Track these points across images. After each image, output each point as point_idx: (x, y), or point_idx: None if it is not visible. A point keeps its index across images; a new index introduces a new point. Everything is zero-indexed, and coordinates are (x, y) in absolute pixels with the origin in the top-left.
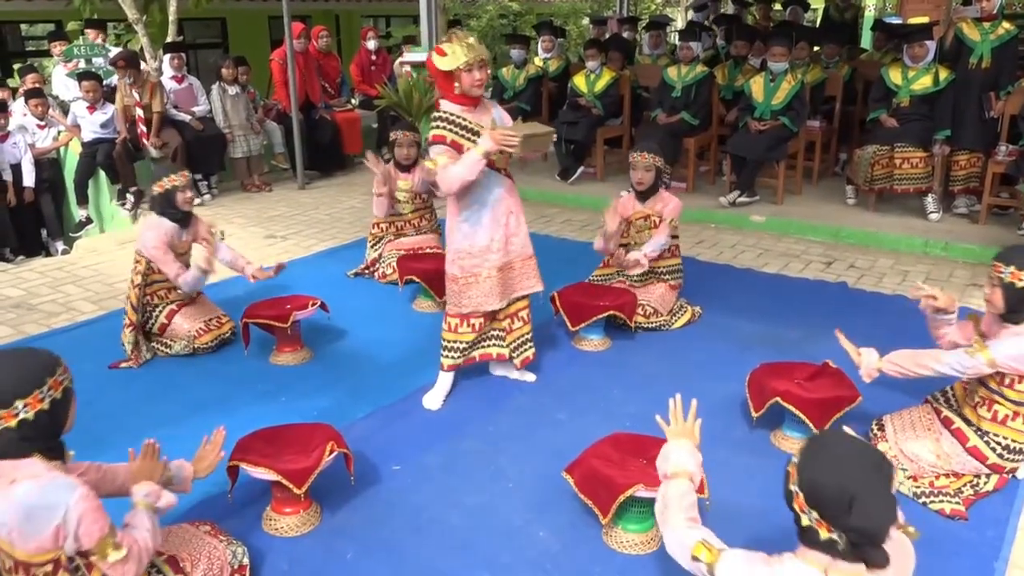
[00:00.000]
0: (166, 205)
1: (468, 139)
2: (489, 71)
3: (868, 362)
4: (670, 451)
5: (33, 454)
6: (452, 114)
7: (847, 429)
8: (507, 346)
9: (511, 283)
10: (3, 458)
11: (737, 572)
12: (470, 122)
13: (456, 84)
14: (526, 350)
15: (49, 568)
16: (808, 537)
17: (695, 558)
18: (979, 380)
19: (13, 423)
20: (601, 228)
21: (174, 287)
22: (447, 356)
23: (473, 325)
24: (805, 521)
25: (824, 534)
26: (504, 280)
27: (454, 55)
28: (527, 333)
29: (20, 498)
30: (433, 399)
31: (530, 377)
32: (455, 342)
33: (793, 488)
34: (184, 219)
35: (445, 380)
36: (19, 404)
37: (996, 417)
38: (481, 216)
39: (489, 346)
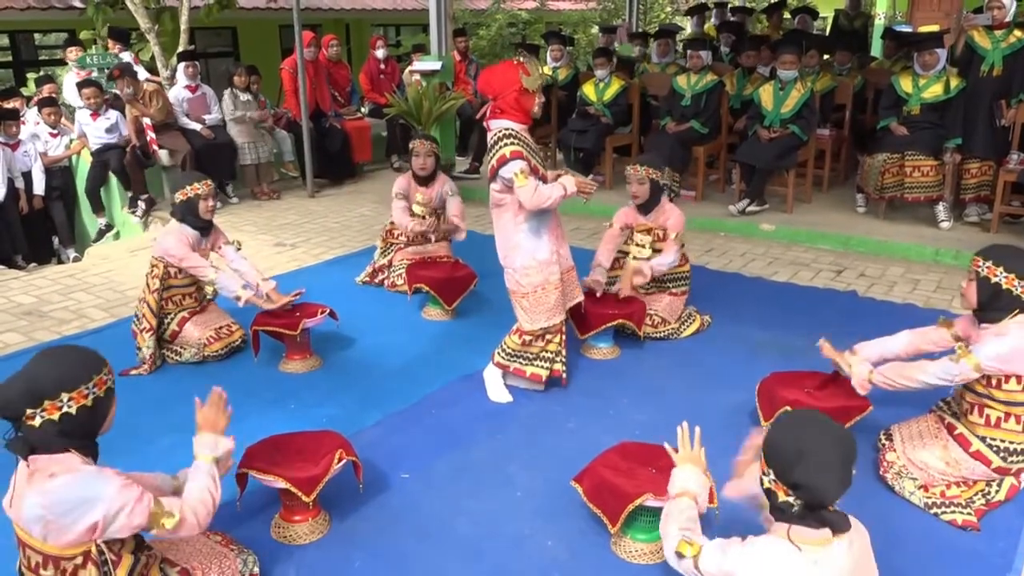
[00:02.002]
0: (187, 213)
1: (533, 156)
2: None
3: (859, 373)
4: (676, 474)
5: (70, 450)
6: (518, 132)
7: None
8: (557, 360)
9: (565, 295)
10: (41, 452)
11: (716, 557)
12: (529, 141)
13: (535, 102)
14: (558, 362)
15: (79, 560)
16: (771, 503)
17: (679, 555)
18: (965, 385)
19: (56, 415)
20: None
21: (189, 293)
22: (503, 357)
23: (546, 340)
24: (766, 483)
25: (781, 496)
26: (563, 291)
27: (535, 75)
28: (564, 344)
29: (59, 491)
30: (500, 393)
31: (539, 386)
32: (517, 351)
33: (760, 453)
34: (205, 227)
35: (496, 375)
36: (64, 397)
37: (989, 421)
38: (541, 231)
39: (558, 362)
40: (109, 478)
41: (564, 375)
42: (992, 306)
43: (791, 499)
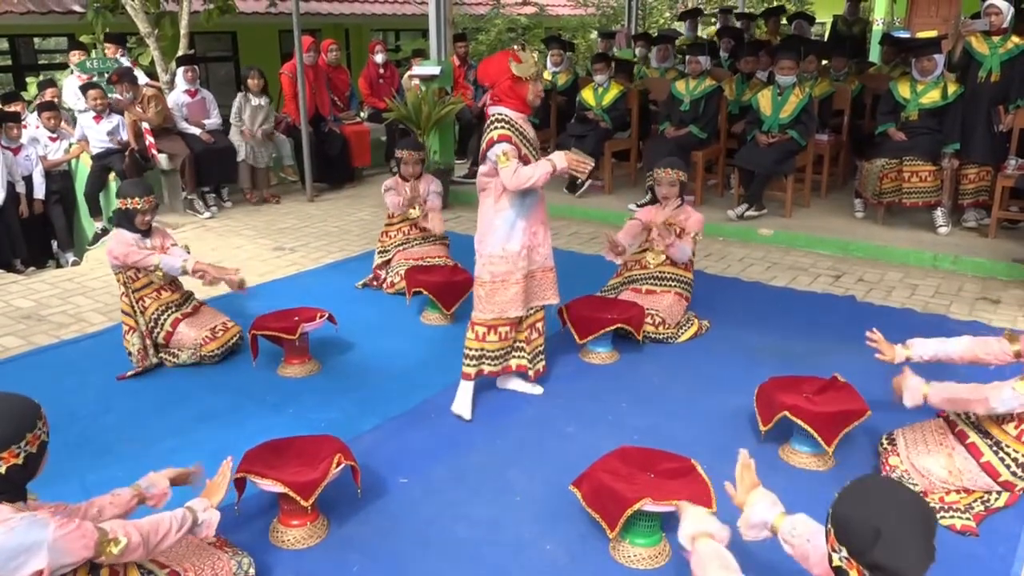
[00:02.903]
0: (124, 219)
1: (524, 145)
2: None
3: (914, 387)
4: (684, 515)
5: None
6: (512, 119)
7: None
8: (526, 357)
9: (532, 292)
10: None
11: None
12: (525, 131)
13: (529, 90)
14: (539, 361)
15: None
16: None
17: None
18: None
19: None
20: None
21: (163, 287)
22: (468, 364)
23: (500, 334)
24: (836, 561)
25: (854, 575)
26: (527, 288)
27: (528, 63)
28: (542, 344)
29: None
30: (463, 407)
31: (537, 390)
32: (479, 350)
33: (828, 526)
34: (144, 232)
35: (467, 387)
36: None
37: (1022, 437)
38: (516, 223)
39: (511, 359)
40: (44, 522)
41: (530, 370)
42: None
43: None
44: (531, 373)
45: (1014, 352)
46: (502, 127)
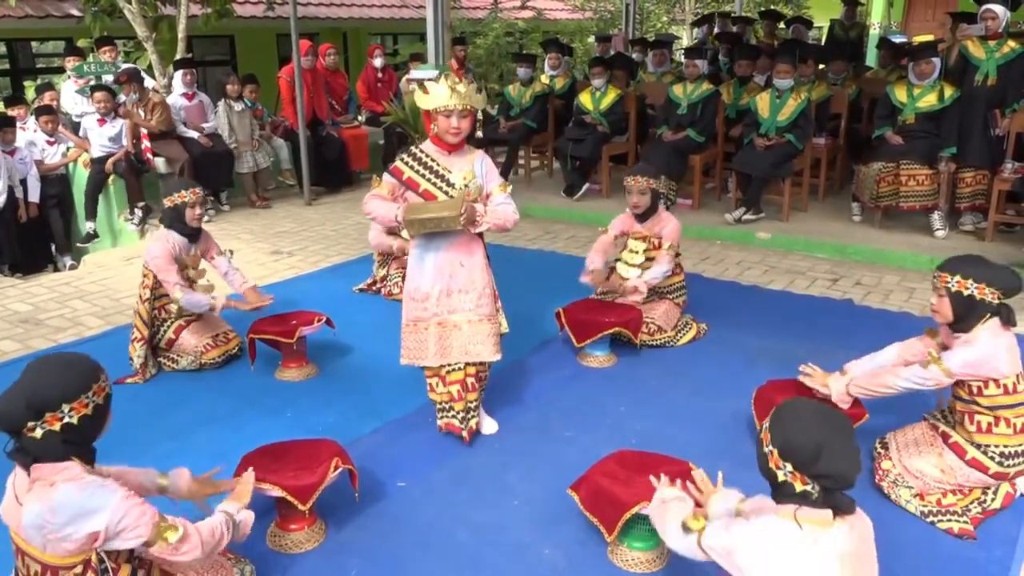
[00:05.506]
0: (175, 219)
1: (430, 181)
2: (471, 122)
3: (837, 390)
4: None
5: (72, 458)
6: (424, 152)
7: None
8: (456, 415)
9: (450, 344)
10: (43, 461)
11: (719, 533)
12: (439, 165)
13: (433, 125)
14: (473, 419)
15: (79, 569)
16: (783, 492)
17: (687, 529)
18: (953, 395)
19: (57, 426)
20: (590, 267)
21: None
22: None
23: (430, 385)
24: (781, 476)
25: (799, 486)
26: (443, 338)
27: (435, 96)
28: (474, 400)
29: (62, 501)
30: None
31: (490, 429)
32: (435, 401)
33: (768, 449)
34: (193, 234)
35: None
36: (65, 408)
37: (980, 428)
38: (425, 260)
39: (443, 417)
40: (112, 489)
41: (463, 431)
42: (967, 317)
43: (809, 487)
44: (464, 433)
45: (939, 345)
46: (401, 159)
